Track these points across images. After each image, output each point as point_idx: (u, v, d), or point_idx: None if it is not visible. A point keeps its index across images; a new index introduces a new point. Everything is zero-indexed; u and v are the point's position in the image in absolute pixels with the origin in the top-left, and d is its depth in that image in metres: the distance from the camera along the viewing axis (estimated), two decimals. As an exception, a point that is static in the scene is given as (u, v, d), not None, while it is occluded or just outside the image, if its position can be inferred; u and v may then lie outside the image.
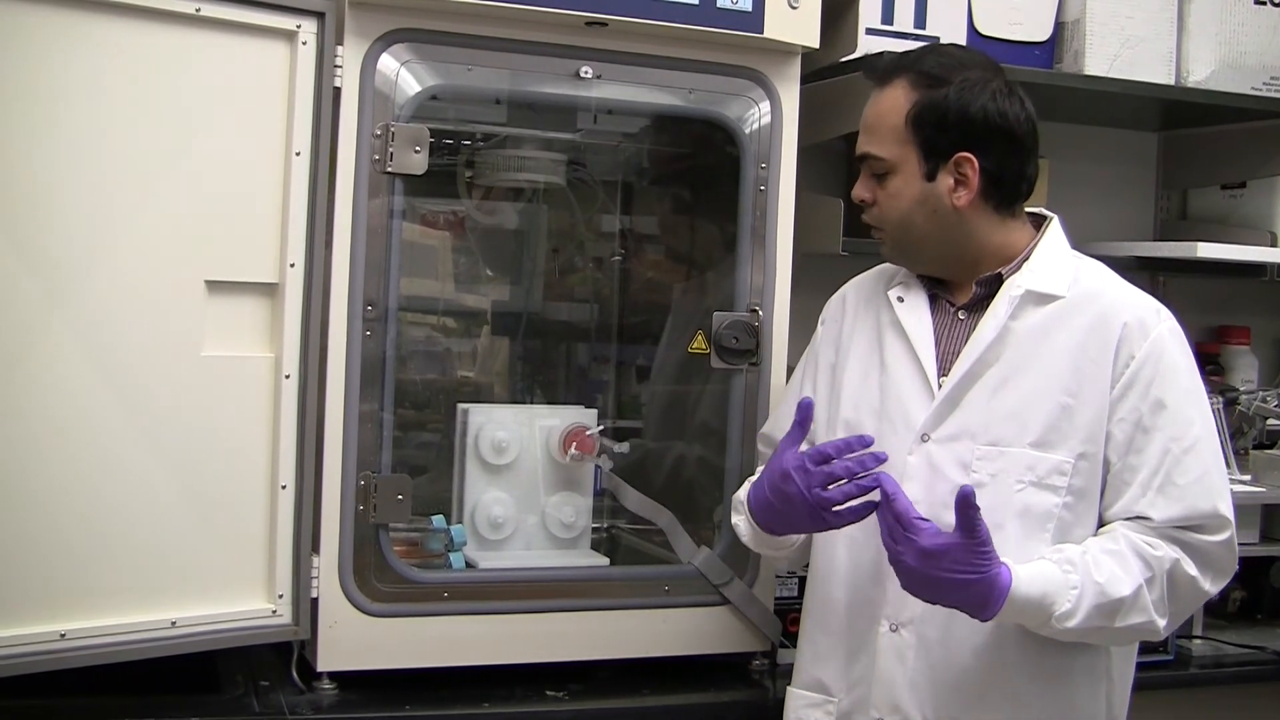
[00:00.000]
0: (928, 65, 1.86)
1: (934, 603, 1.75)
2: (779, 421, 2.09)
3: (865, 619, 1.88)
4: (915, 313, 1.93)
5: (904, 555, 1.71)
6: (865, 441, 1.81)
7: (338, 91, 2.03)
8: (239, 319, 1.99)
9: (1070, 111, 2.89)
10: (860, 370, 1.96)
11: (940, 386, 1.87)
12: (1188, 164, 3.13)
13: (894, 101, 1.85)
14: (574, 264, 2.70)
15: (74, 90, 1.82)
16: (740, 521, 2.04)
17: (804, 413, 1.85)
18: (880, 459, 1.79)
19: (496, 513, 2.30)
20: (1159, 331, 1.84)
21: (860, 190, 1.90)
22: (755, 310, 2.24)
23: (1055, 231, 1.94)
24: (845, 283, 2.12)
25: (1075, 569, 1.75)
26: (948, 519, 1.72)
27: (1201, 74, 2.81)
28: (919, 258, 1.92)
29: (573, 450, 2.29)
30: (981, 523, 1.69)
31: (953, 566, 1.68)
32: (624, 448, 2.34)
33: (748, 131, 2.24)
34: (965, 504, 1.69)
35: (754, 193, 2.24)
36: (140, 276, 1.90)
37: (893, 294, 1.96)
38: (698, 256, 2.61)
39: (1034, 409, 1.82)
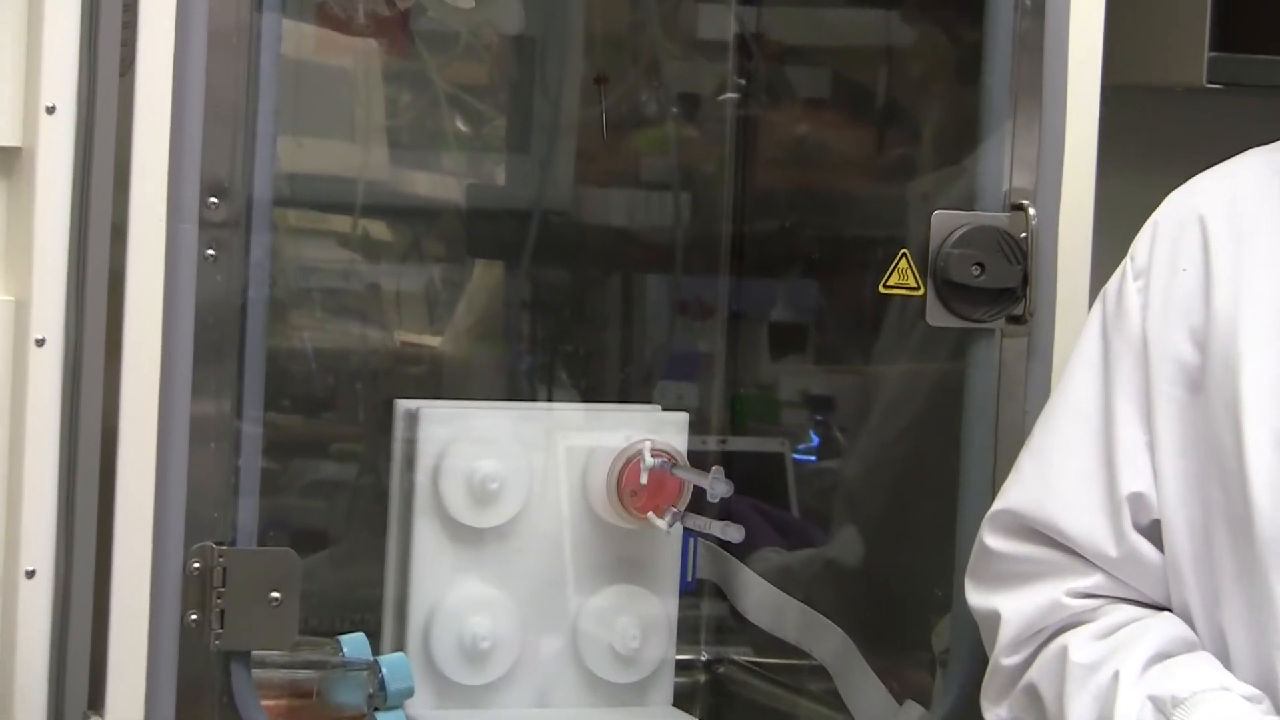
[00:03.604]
0: None
1: None
2: (1060, 488, 2.00)
3: None
4: None
5: None
6: None
7: None
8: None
9: None
10: (1277, 359, 1.90)
11: None
12: None
13: None
14: (640, 108, 2.70)
15: None
16: None
17: None
18: None
19: (478, 628, 2.25)
20: None
21: None
22: (1022, 207, 2.16)
23: None
24: (1204, 161, 2.03)
25: None
26: None
27: None
28: None
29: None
30: None
31: None
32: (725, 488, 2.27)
33: None
34: None
35: (1016, -33, 2.20)
36: None
37: None
38: (902, 97, 2.61)
39: None
